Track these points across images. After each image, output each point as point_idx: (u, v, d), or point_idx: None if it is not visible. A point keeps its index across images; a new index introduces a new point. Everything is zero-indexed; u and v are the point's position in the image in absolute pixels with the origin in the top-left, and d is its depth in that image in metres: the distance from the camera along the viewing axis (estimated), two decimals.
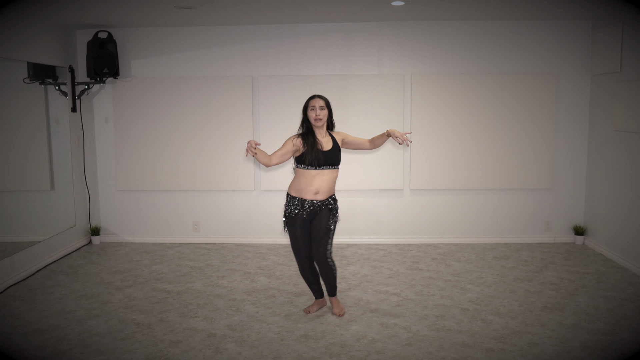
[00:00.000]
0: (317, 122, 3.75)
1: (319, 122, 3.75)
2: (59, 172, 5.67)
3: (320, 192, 3.79)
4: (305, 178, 3.76)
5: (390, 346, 3.48)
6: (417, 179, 5.85)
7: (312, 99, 3.80)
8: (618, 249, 5.21)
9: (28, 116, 5.34)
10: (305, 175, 3.76)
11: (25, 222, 5.23)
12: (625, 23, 5.01)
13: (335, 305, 4.01)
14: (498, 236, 5.94)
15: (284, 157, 3.76)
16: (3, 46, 4.71)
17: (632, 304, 4.15)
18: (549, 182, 5.82)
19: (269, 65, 5.83)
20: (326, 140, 3.81)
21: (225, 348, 3.48)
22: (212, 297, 4.36)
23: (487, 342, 3.53)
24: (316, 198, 3.79)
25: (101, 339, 3.63)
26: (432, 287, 4.55)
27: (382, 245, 5.85)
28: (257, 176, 5.96)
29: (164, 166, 5.96)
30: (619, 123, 5.12)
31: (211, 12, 5.06)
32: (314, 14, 5.25)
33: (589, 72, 5.71)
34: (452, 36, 5.71)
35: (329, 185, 3.81)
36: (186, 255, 5.59)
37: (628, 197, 5.04)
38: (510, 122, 5.75)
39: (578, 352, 3.39)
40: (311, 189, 3.77)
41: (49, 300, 4.36)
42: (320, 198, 3.80)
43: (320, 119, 3.74)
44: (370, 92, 5.75)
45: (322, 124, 3.78)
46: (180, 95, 5.86)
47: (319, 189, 3.78)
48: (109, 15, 5.11)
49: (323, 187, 3.79)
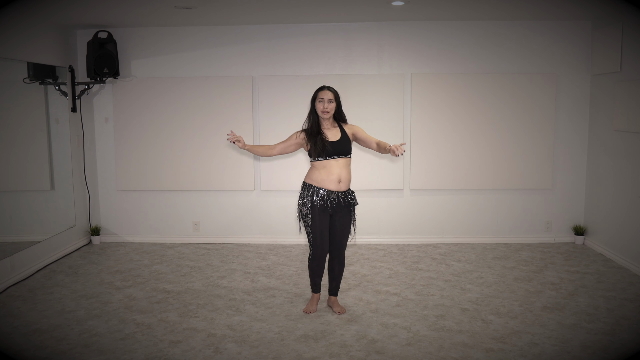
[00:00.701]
0: (324, 115, 3.75)
1: (326, 115, 3.75)
2: (59, 172, 5.67)
3: (343, 180, 3.79)
4: (323, 168, 3.77)
5: (390, 346, 3.48)
6: (417, 179, 5.85)
7: (321, 90, 3.79)
8: (618, 249, 5.21)
9: (28, 116, 5.34)
10: (321, 166, 3.77)
11: (25, 222, 5.23)
12: (625, 23, 5.01)
13: (336, 305, 4.03)
14: (498, 236, 5.94)
15: (287, 149, 3.86)
16: (3, 46, 4.71)
17: (632, 304, 4.15)
18: (549, 182, 5.82)
19: (269, 65, 5.84)
20: (334, 131, 3.81)
21: (225, 348, 3.48)
22: (212, 297, 4.36)
23: (487, 342, 3.53)
24: (340, 188, 3.78)
25: (101, 339, 3.63)
26: (432, 287, 4.55)
27: (382, 245, 5.85)
28: (257, 176, 5.96)
29: (164, 166, 5.96)
30: (619, 123, 5.12)
31: (211, 12, 5.06)
32: (314, 14, 5.25)
33: (589, 72, 5.71)
34: (452, 36, 5.72)
35: (348, 174, 3.81)
36: (186, 255, 5.59)
37: (628, 197, 5.04)
38: (510, 122, 5.75)
39: (578, 352, 3.39)
40: (333, 178, 3.76)
41: (49, 300, 4.36)
42: (344, 188, 3.81)
43: (327, 112, 3.75)
44: (370, 92, 5.75)
45: (329, 117, 3.79)
46: (180, 95, 5.86)
47: (340, 176, 3.77)
48: (109, 15, 5.11)
49: (344, 175, 3.78)
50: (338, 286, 4.04)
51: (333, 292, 4.05)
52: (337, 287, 4.04)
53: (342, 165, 3.79)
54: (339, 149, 3.76)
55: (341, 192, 3.81)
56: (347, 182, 3.83)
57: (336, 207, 3.82)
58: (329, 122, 3.82)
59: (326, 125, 3.82)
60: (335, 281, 4.01)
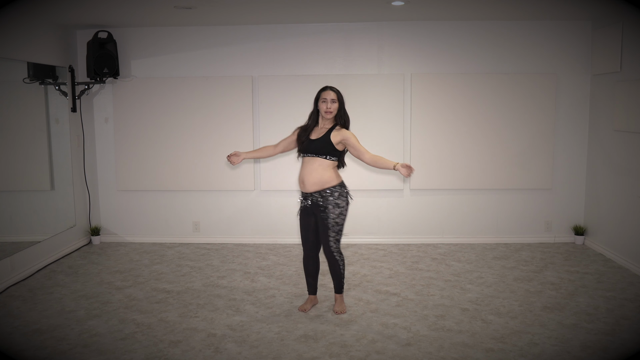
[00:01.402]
0: (327, 115, 3.76)
1: (329, 115, 3.76)
2: (59, 172, 5.67)
3: (306, 182, 3.77)
4: (301, 168, 3.86)
5: (390, 346, 3.48)
6: (417, 179, 5.85)
7: (324, 90, 3.78)
8: (618, 249, 5.21)
9: (28, 116, 5.34)
10: (301, 164, 3.88)
11: (25, 222, 5.23)
12: (625, 23, 5.01)
13: (338, 304, 4.02)
14: (498, 236, 5.94)
15: (289, 146, 3.95)
16: (3, 46, 4.71)
17: (632, 304, 4.15)
18: (548, 182, 5.82)
19: (269, 65, 5.83)
20: (322, 131, 3.79)
21: (225, 348, 3.48)
22: (212, 297, 4.36)
23: (487, 342, 3.53)
24: (306, 189, 3.80)
25: (101, 339, 3.63)
26: (432, 287, 4.55)
27: (382, 245, 5.85)
28: (257, 176, 5.96)
29: (164, 166, 5.96)
30: (619, 123, 5.12)
31: (211, 12, 5.06)
32: (314, 14, 5.25)
33: (589, 72, 5.71)
34: (452, 36, 5.71)
35: (316, 175, 3.73)
36: (186, 255, 5.59)
37: (628, 197, 5.04)
38: (510, 122, 5.75)
39: (578, 352, 3.39)
40: (301, 179, 3.85)
41: (49, 300, 4.36)
42: (310, 189, 3.77)
43: (330, 112, 3.75)
44: (370, 92, 5.75)
45: (332, 117, 3.79)
46: (180, 95, 5.86)
47: (303, 179, 3.80)
48: (109, 15, 5.11)
49: (307, 178, 3.76)
50: (339, 284, 4.00)
51: (336, 290, 4.05)
52: (338, 285, 4.00)
53: (315, 166, 3.73)
54: (313, 147, 3.74)
55: (314, 192, 3.77)
56: (314, 184, 3.74)
57: (312, 207, 3.83)
58: (328, 123, 3.81)
59: (322, 125, 3.82)
60: (334, 278, 4.00)
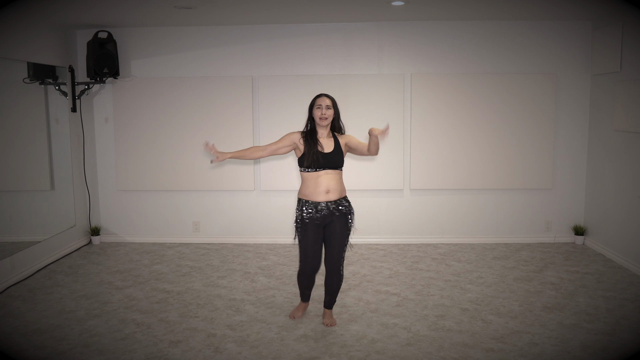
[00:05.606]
0: (322, 122, 3.62)
1: (324, 122, 3.62)
2: (59, 172, 5.67)
3: (332, 190, 3.62)
4: (311, 180, 3.62)
5: (390, 346, 3.48)
6: (417, 179, 5.85)
7: (319, 97, 3.68)
8: (618, 249, 5.21)
9: (28, 116, 5.34)
10: (310, 178, 3.62)
11: (25, 222, 5.23)
12: (625, 23, 5.01)
13: (328, 317, 3.84)
14: (498, 236, 5.94)
15: (278, 151, 3.70)
16: (3, 46, 4.71)
17: (632, 304, 4.15)
18: (549, 182, 5.82)
19: (269, 65, 5.83)
20: (328, 141, 3.67)
21: (225, 348, 3.48)
22: (212, 297, 4.36)
23: (487, 342, 3.53)
24: (328, 198, 3.62)
25: (101, 339, 3.63)
26: (432, 287, 4.55)
27: (382, 245, 5.85)
28: (257, 176, 5.96)
29: (164, 166, 5.96)
30: (619, 123, 5.12)
31: (211, 12, 5.06)
32: (314, 14, 5.25)
33: (589, 72, 5.71)
34: (452, 36, 5.72)
35: (338, 184, 3.66)
36: (186, 255, 5.59)
37: (628, 197, 5.04)
38: (510, 122, 5.75)
39: (578, 352, 3.39)
40: (321, 190, 3.60)
41: (49, 300, 4.36)
42: (333, 198, 3.63)
43: (325, 118, 3.61)
44: (370, 92, 5.75)
45: (327, 124, 3.66)
46: (180, 95, 5.86)
47: (329, 187, 3.61)
48: (108, 15, 5.11)
49: (332, 185, 3.62)
50: (333, 300, 3.83)
51: (327, 305, 3.85)
52: (333, 301, 3.83)
53: (332, 177, 3.63)
54: (331, 161, 3.60)
55: (330, 201, 3.64)
56: (337, 191, 3.66)
57: (327, 217, 3.63)
58: (325, 131, 3.68)
59: (322, 135, 3.68)
60: (331, 295, 3.80)
